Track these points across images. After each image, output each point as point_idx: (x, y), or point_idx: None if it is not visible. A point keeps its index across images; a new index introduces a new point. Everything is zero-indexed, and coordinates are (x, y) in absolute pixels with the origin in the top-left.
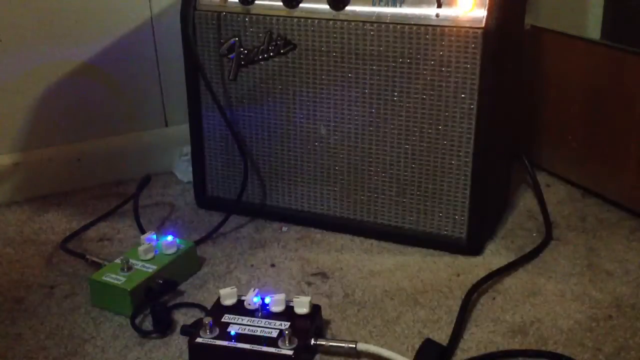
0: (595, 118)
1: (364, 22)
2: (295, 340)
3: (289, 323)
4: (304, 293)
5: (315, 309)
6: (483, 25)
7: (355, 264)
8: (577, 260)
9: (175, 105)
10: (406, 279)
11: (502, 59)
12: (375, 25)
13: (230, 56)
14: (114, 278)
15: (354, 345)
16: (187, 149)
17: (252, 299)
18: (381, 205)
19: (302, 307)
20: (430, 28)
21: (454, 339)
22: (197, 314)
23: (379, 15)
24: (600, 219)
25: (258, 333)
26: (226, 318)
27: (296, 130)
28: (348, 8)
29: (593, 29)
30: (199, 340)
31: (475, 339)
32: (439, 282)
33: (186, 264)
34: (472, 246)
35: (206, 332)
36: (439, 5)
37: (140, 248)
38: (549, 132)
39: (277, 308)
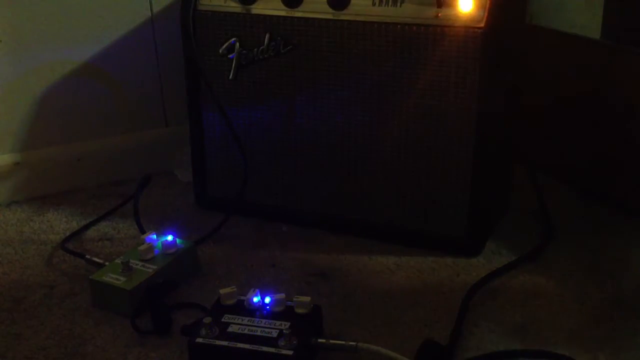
0: (595, 118)
1: (364, 22)
2: (295, 340)
3: (289, 323)
4: (304, 293)
5: (315, 309)
6: (483, 25)
7: (355, 264)
8: (577, 260)
9: (175, 105)
10: (406, 279)
11: (502, 59)
12: (375, 25)
13: (230, 56)
14: (114, 278)
15: (354, 345)
16: (187, 149)
17: (252, 299)
18: (381, 205)
19: (302, 307)
20: (430, 28)
21: (454, 339)
22: (197, 314)
23: (379, 15)
24: (600, 219)
25: (258, 333)
26: (226, 318)
27: (296, 130)
28: (348, 8)
29: (593, 29)
30: (199, 340)
31: (475, 339)
32: (439, 282)
33: (186, 264)
34: (472, 246)
35: (206, 332)
36: (439, 5)
37: (140, 248)
38: (549, 132)
39: (277, 308)
